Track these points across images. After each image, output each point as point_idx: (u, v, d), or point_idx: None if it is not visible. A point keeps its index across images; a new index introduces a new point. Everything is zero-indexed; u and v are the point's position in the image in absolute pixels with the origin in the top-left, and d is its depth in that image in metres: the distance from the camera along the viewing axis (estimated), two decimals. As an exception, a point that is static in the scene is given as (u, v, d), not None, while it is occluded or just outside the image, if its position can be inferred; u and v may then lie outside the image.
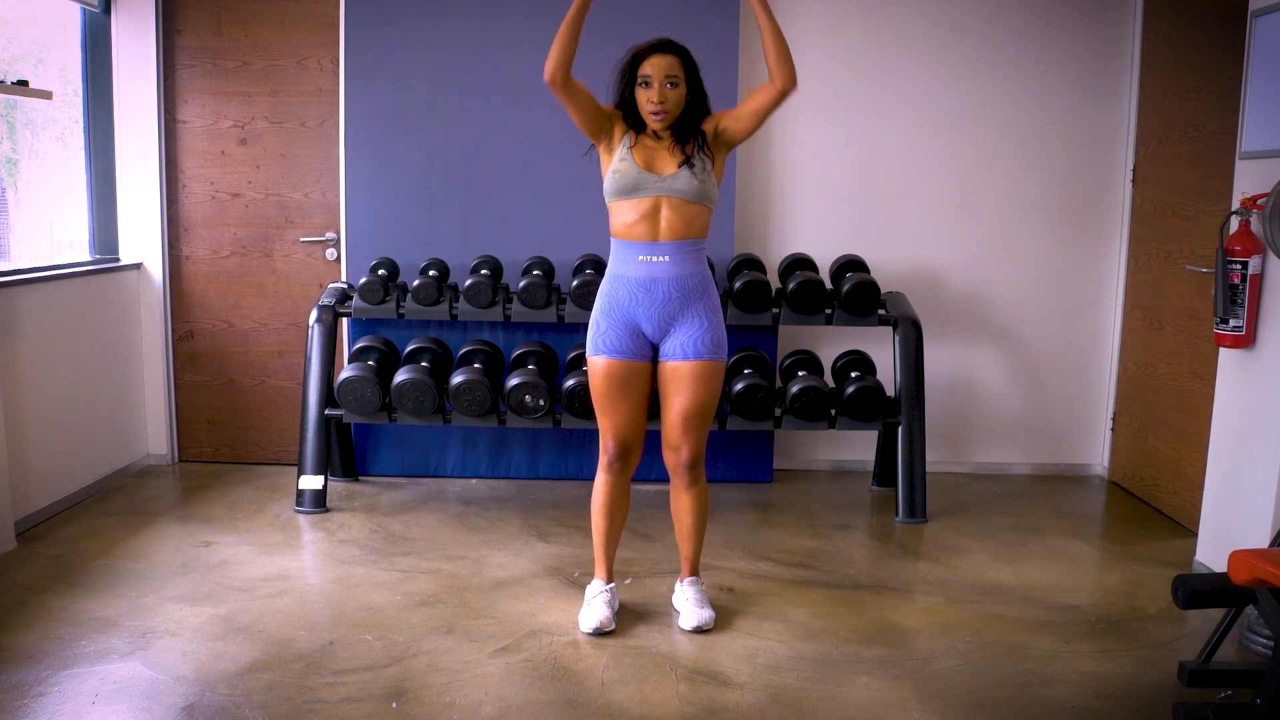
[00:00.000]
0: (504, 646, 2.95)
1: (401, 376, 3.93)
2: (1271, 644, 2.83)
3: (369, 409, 4.01)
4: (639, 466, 4.66)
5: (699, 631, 3.05)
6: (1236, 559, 2.45)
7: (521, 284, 4.15)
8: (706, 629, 3.06)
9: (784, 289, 4.21)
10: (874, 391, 3.99)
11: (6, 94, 3.68)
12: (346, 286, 4.38)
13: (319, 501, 4.13)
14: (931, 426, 4.57)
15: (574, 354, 4.16)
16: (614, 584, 3.19)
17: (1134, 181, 4.58)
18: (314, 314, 4.17)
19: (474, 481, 4.59)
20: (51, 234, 4.42)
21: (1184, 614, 3.20)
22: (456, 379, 3.91)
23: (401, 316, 4.21)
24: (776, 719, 2.59)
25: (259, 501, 4.26)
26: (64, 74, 4.46)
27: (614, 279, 3.02)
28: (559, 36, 2.88)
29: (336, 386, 4.03)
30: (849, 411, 4.01)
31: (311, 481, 4.12)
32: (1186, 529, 4.01)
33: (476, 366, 3.98)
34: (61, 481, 4.11)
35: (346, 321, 4.55)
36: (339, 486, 4.46)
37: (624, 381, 3.00)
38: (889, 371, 4.39)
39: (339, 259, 4.68)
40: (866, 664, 2.88)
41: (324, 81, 4.59)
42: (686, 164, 2.93)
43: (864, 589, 3.44)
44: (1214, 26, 3.90)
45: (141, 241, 4.65)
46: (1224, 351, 3.50)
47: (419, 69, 4.48)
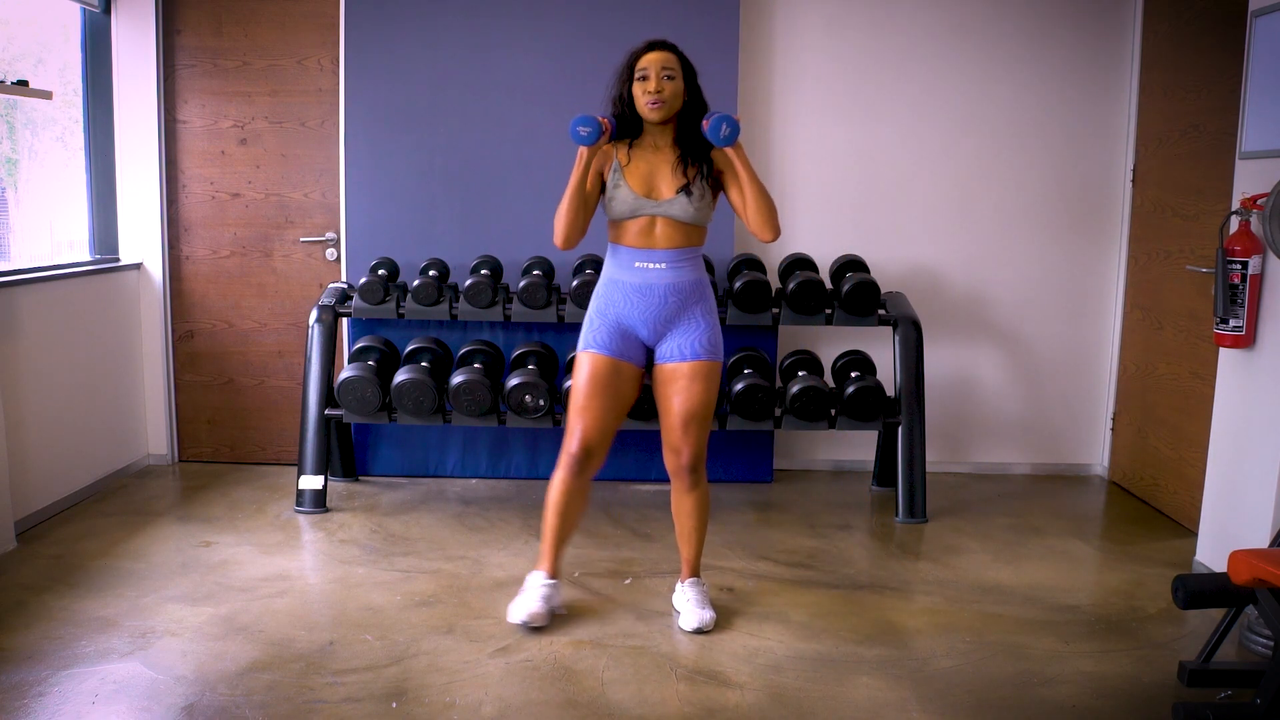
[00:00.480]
0: (504, 646, 2.95)
1: (401, 376, 3.93)
2: (1271, 644, 2.83)
3: (369, 409, 4.01)
4: (640, 465, 4.67)
5: (699, 632, 3.05)
6: (1236, 559, 2.45)
7: (521, 284, 4.15)
8: (707, 630, 3.06)
9: (784, 289, 4.21)
10: (874, 391, 3.99)
11: (6, 94, 3.68)
12: (346, 286, 4.38)
13: (319, 501, 4.13)
14: (931, 426, 4.57)
15: (574, 354, 4.15)
16: (557, 581, 3.16)
17: (1134, 181, 4.58)
18: (314, 314, 4.17)
19: (474, 481, 4.59)
20: (51, 234, 4.42)
21: (1184, 614, 3.20)
22: (456, 379, 3.91)
23: (401, 316, 4.21)
24: (776, 719, 2.59)
25: (259, 501, 4.26)
26: (64, 74, 4.46)
27: (610, 283, 3.03)
28: (568, 212, 2.92)
29: (336, 386, 4.03)
30: (849, 411, 4.01)
31: (311, 481, 4.12)
32: (1186, 529, 4.01)
33: (476, 366, 3.98)
34: (61, 481, 4.11)
35: (346, 321, 4.55)
36: (339, 486, 4.46)
37: (608, 380, 3.00)
38: (889, 371, 4.39)
39: (339, 259, 4.68)
40: (866, 664, 2.88)
41: (324, 81, 4.59)
42: (685, 191, 2.93)
43: (864, 589, 3.44)
44: (1214, 26, 3.91)
45: (141, 241, 4.65)
46: (1224, 351, 3.50)
47: (419, 69, 4.48)
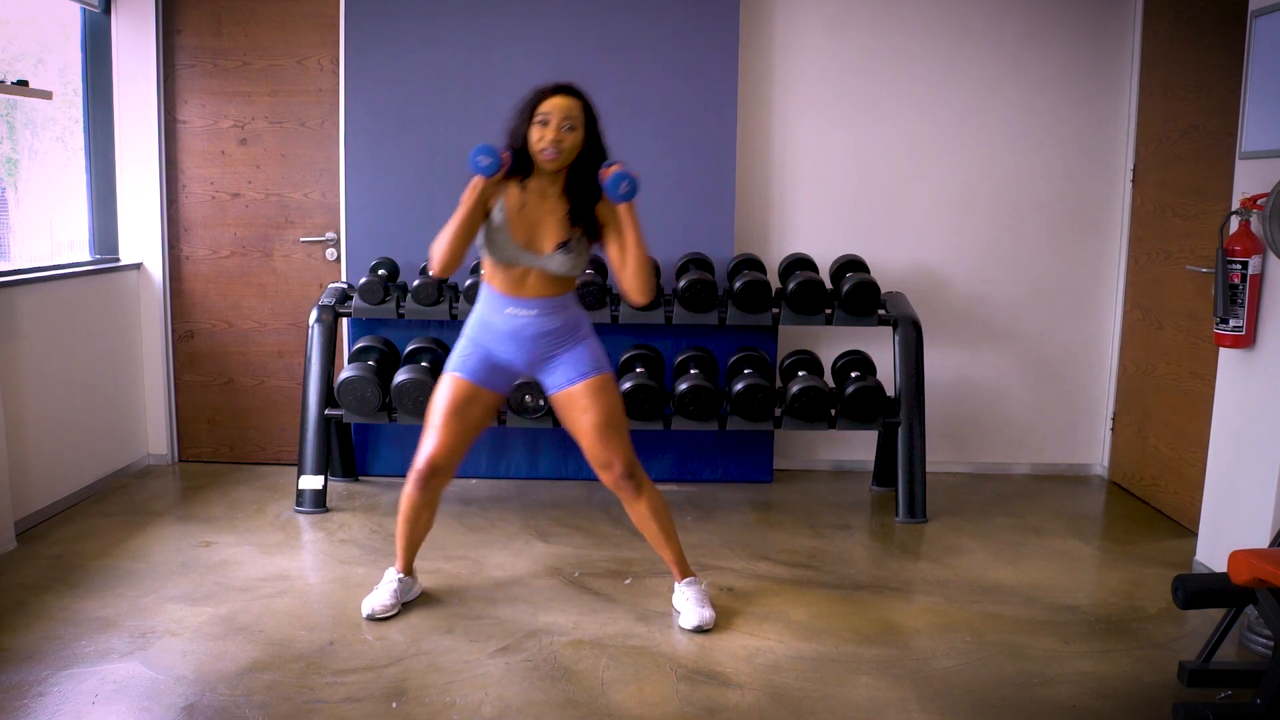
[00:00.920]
0: (504, 646, 2.95)
1: (401, 376, 3.93)
2: (1271, 644, 2.83)
3: (369, 409, 4.01)
4: (646, 464, 4.66)
5: (700, 631, 3.05)
6: (1236, 559, 2.45)
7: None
8: (708, 628, 3.06)
9: (784, 289, 4.21)
10: (874, 391, 3.99)
11: (6, 94, 3.68)
12: (346, 286, 4.38)
13: (319, 501, 4.13)
14: (931, 426, 4.57)
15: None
16: (409, 578, 3.22)
17: (1134, 181, 4.58)
18: (314, 314, 4.17)
19: (474, 481, 4.59)
20: (51, 234, 4.42)
21: (1184, 614, 3.20)
22: (456, 379, 3.90)
23: (401, 316, 4.21)
24: (776, 719, 2.59)
25: (259, 501, 4.26)
26: (64, 74, 4.46)
27: (481, 322, 3.04)
28: (451, 241, 2.87)
29: (336, 386, 4.03)
30: (849, 411, 4.01)
31: (311, 481, 4.12)
32: (1186, 529, 4.01)
33: (476, 366, 3.98)
34: (61, 481, 4.11)
35: (346, 321, 4.54)
36: (339, 486, 4.46)
37: (464, 403, 3.01)
38: (889, 371, 4.38)
39: (339, 259, 4.68)
40: (866, 664, 2.88)
41: (324, 81, 4.59)
42: (564, 247, 2.91)
43: (864, 589, 3.44)
44: (1214, 26, 3.90)
45: (141, 241, 4.65)
46: (1224, 351, 3.50)
47: (419, 69, 4.48)
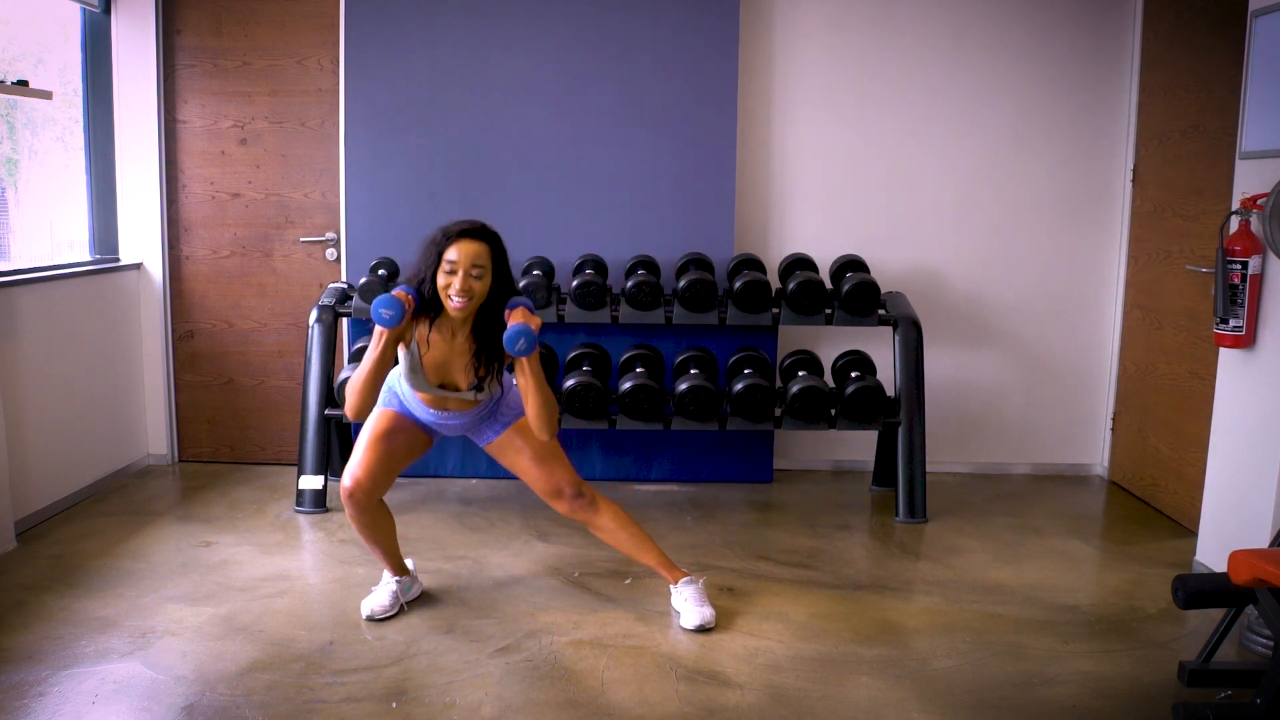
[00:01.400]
0: (504, 646, 2.95)
1: (401, 376, 3.93)
2: (1271, 644, 2.83)
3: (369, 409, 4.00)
4: (639, 465, 4.67)
5: (702, 630, 3.05)
6: (1236, 559, 2.45)
7: (521, 284, 4.15)
8: (709, 627, 3.06)
9: (784, 289, 4.21)
10: (874, 391, 3.99)
11: (6, 94, 3.68)
12: (346, 286, 4.38)
13: (319, 501, 4.13)
14: (931, 426, 4.57)
15: (573, 354, 4.16)
16: (404, 578, 3.24)
17: (1134, 181, 4.58)
18: (314, 314, 4.17)
19: (474, 481, 4.59)
20: (51, 234, 4.42)
21: (1184, 614, 3.20)
22: (456, 379, 3.91)
23: (401, 316, 4.20)
24: (776, 719, 2.59)
25: (259, 501, 4.26)
26: (64, 74, 4.46)
27: (408, 402, 3.06)
28: (362, 389, 2.86)
29: (336, 386, 4.03)
30: (849, 411, 4.01)
31: (311, 481, 4.12)
32: (1186, 529, 4.01)
33: (476, 366, 3.98)
34: (61, 481, 4.11)
35: (346, 321, 4.54)
36: (339, 486, 4.46)
37: (393, 432, 3.05)
38: (889, 371, 4.38)
39: (339, 259, 4.68)
40: (866, 664, 2.88)
41: (324, 81, 4.59)
42: (476, 384, 2.94)
43: (864, 589, 3.44)
44: (1214, 26, 3.90)
45: (141, 241, 4.65)
46: (1224, 351, 3.50)
47: (419, 69, 4.48)
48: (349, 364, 4.15)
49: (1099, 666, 2.89)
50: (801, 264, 4.37)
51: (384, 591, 3.18)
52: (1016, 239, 4.71)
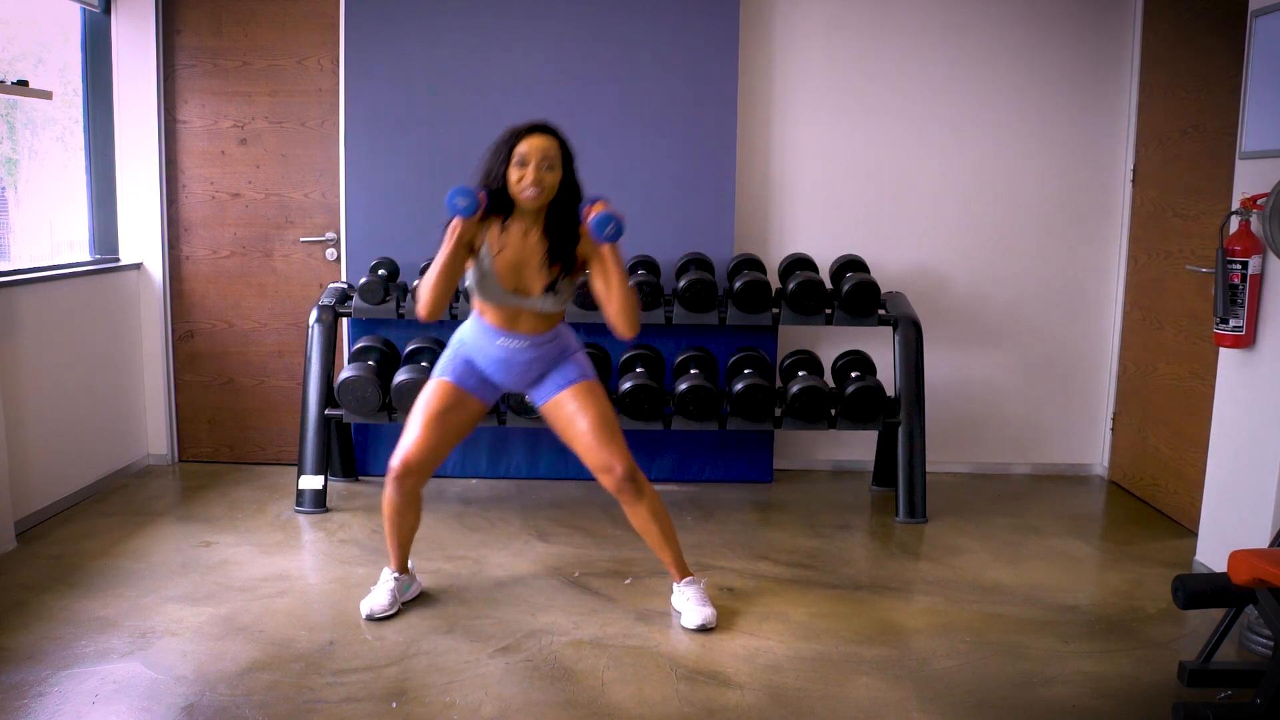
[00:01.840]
0: (504, 646, 2.95)
1: (401, 376, 3.93)
2: (1271, 644, 2.83)
3: (369, 409, 4.01)
4: (641, 466, 4.67)
5: (702, 630, 3.05)
6: (1236, 559, 2.45)
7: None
8: (710, 627, 3.07)
9: (784, 289, 4.21)
10: (874, 391, 3.99)
11: (6, 94, 3.68)
12: (346, 286, 4.38)
13: (319, 501, 4.13)
14: (931, 426, 4.57)
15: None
16: (404, 576, 3.22)
17: (1134, 181, 4.58)
18: (314, 314, 4.17)
19: (474, 481, 4.59)
20: (51, 234, 4.42)
21: (1184, 614, 3.20)
22: (456, 379, 3.90)
23: (401, 316, 4.21)
24: (776, 719, 2.59)
25: (259, 501, 4.26)
26: (64, 74, 4.46)
27: (472, 342, 3.06)
28: (435, 285, 2.88)
29: (336, 386, 4.03)
30: (849, 411, 4.01)
31: (311, 481, 4.12)
32: (1186, 529, 4.01)
33: (476, 366, 3.98)
34: (61, 481, 4.11)
35: (346, 321, 4.55)
36: (339, 486, 4.46)
37: (450, 407, 3.03)
38: (889, 371, 4.39)
39: (339, 259, 4.68)
40: (866, 664, 2.88)
41: (324, 81, 4.59)
42: (551, 289, 2.94)
43: (864, 589, 3.44)
44: (1214, 26, 3.91)
45: (141, 241, 4.65)
46: (1224, 351, 3.50)
47: (419, 69, 4.48)
48: (349, 364, 4.15)
49: (1099, 666, 2.89)
50: (801, 264, 4.38)
51: (383, 590, 3.17)
52: (1016, 239, 4.71)
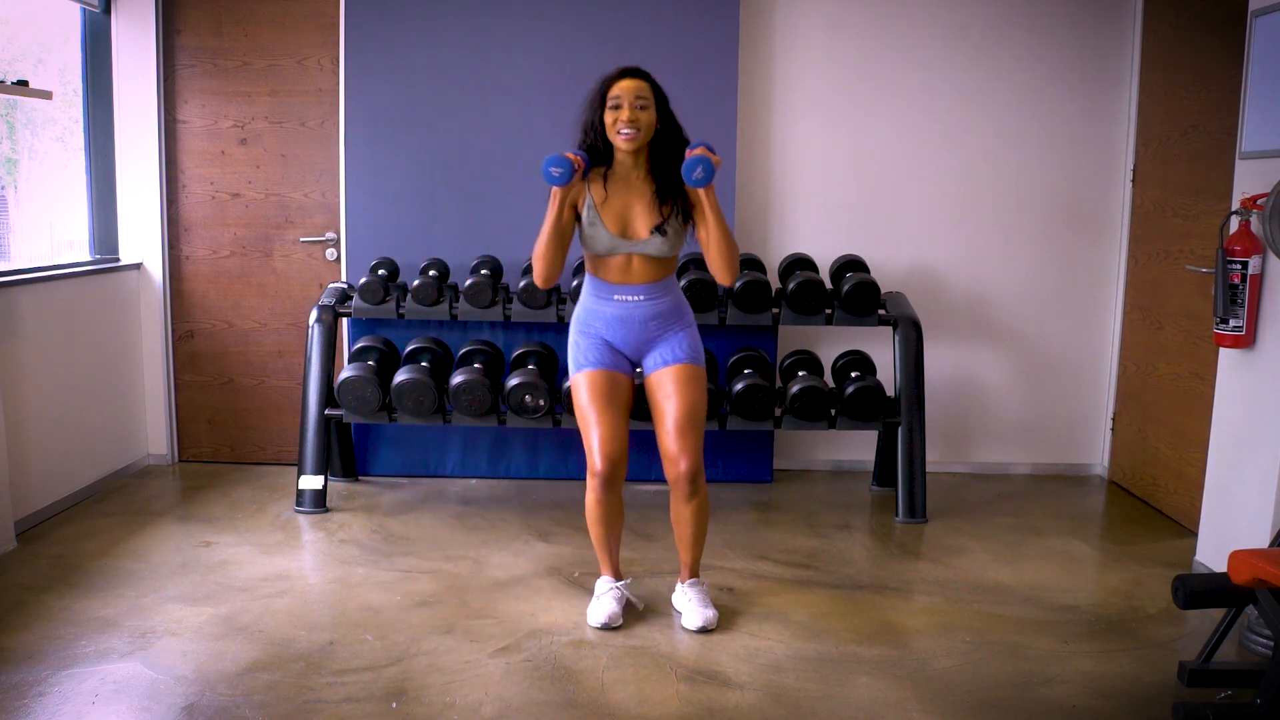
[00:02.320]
0: (504, 646, 2.95)
1: (401, 376, 3.93)
2: (1271, 644, 2.83)
3: (369, 409, 4.01)
4: (640, 465, 4.67)
5: (703, 631, 3.05)
6: (1236, 559, 2.45)
7: (521, 284, 4.15)
8: (711, 628, 3.07)
9: (784, 289, 4.21)
10: (874, 391, 3.99)
11: (6, 94, 3.68)
12: (346, 286, 4.38)
13: (319, 501, 4.13)
14: (931, 426, 4.57)
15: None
16: (624, 581, 3.21)
17: (1134, 181, 4.58)
18: (314, 314, 4.17)
19: (474, 481, 4.59)
20: (51, 234, 4.42)
21: (1184, 614, 3.20)
22: (456, 379, 3.91)
23: (401, 316, 4.21)
24: (776, 719, 2.59)
25: (259, 501, 4.26)
26: (64, 74, 4.46)
27: (590, 311, 3.07)
28: (544, 252, 2.93)
29: (336, 386, 4.03)
30: (849, 411, 4.01)
31: (311, 481, 4.12)
32: (1186, 529, 4.01)
33: (476, 366, 3.98)
34: (61, 481, 4.11)
35: (346, 321, 4.54)
36: (339, 486, 4.46)
37: (608, 391, 3.02)
38: (889, 371, 4.38)
39: (339, 259, 4.68)
40: (866, 664, 2.88)
41: (324, 81, 4.59)
42: (659, 231, 2.94)
43: (864, 589, 3.44)
44: (1214, 26, 3.90)
45: (141, 241, 4.65)
46: (1224, 351, 3.50)
47: (419, 69, 4.48)
48: (349, 364, 4.15)
49: (1099, 666, 2.89)
50: (801, 264, 4.38)
51: (609, 598, 3.12)
52: (1016, 239, 4.71)
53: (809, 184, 4.69)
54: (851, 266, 4.37)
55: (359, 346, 4.28)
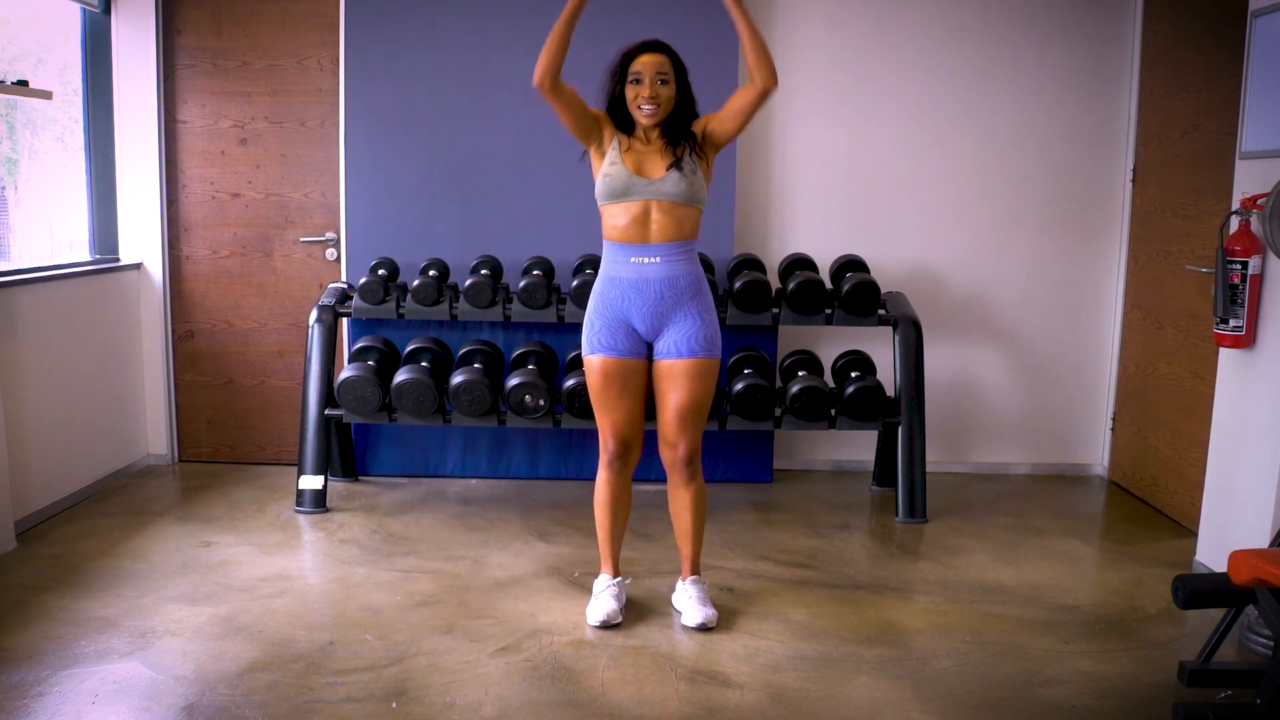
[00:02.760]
0: (504, 646, 2.95)
1: (401, 376, 3.93)
2: (1271, 644, 2.83)
3: (369, 409, 4.01)
4: (638, 466, 4.67)
5: (703, 630, 3.06)
6: (1236, 559, 2.45)
7: (521, 284, 4.15)
8: (711, 627, 3.07)
9: (784, 289, 4.21)
10: (874, 391, 3.99)
11: (6, 94, 3.68)
12: (346, 286, 4.38)
13: (319, 501, 4.13)
14: (931, 426, 4.57)
15: (574, 354, 4.15)
16: (621, 579, 3.22)
17: (1134, 181, 4.58)
18: (314, 314, 4.17)
19: (474, 481, 4.59)
20: (51, 234, 4.42)
21: (1184, 614, 3.20)
22: (456, 379, 3.91)
23: (401, 316, 4.21)
24: (776, 719, 2.59)
25: (259, 501, 4.26)
26: (64, 74, 4.46)
27: (607, 280, 3.05)
28: (550, 41, 2.94)
29: (336, 386, 4.03)
30: (849, 411, 4.01)
31: (311, 481, 4.12)
32: (1186, 529, 4.01)
33: (476, 366, 3.98)
34: (61, 481, 4.11)
35: (346, 321, 4.54)
36: (339, 486, 4.46)
37: (621, 379, 3.03)
38: (889, 371, 4.38)
39: (339, 259, 4.68)
40: (866, 664, 2.88)
41: (324, 81, 4.59)
42: (675, 166, 2.96)
43: (864, 589, 3.44)
44: (1214, 26, 3.91)
45: (141, 241, 4.65)
46: (1224, 351, 3.50)
47: (419, 69, 4.48)
48: (349, 364, 4.15)
49: (1099, 666, 2.89)
50: (801, 264, 4.38)
51: (608, 596, 3.14)
52: (1016, 239, 4.71)
53: (809, 184, 4.69)
54: (851, 266, 4.37)
55: (359, 346, 4.28)
